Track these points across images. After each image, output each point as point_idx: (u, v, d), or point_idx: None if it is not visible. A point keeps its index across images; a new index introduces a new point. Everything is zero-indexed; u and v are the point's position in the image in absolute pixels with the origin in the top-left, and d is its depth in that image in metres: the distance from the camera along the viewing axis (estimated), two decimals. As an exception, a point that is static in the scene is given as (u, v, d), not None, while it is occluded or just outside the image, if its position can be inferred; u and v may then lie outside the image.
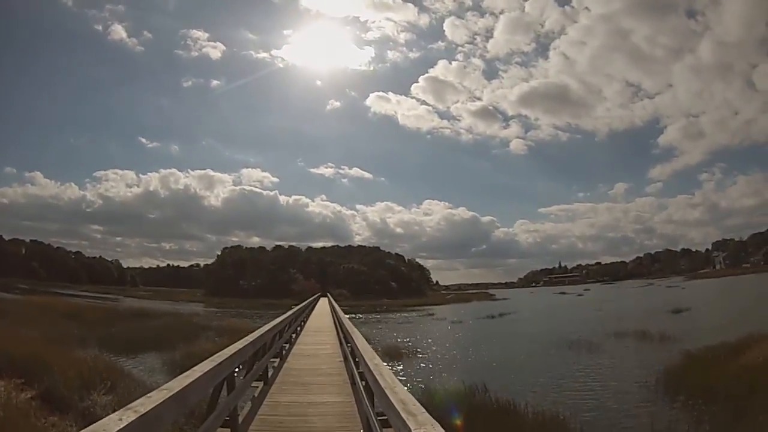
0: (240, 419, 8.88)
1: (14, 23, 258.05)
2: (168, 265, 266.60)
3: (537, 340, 39.40)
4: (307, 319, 34.77)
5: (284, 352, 18.20)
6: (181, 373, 5.93)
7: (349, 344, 13.97)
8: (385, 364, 7.16)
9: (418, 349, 35.92)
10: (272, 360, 15.13)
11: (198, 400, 6.71)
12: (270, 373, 13.63)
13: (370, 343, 11.04)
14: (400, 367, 27.83)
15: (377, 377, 5.72)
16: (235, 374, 8.31)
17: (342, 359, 16.41)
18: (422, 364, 29.99)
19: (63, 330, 36.26)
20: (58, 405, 15.46)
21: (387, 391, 4.91)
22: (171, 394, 4.73)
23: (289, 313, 21.72)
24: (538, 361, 30.03)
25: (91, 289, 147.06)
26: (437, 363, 30.75)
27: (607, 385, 22.73)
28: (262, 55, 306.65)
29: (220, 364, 6.74)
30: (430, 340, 43.16)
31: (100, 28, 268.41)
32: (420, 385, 21.64)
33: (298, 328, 27.06)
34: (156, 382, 18.83)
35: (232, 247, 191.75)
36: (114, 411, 4.22)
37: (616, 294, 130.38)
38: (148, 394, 4.65)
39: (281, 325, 17.15)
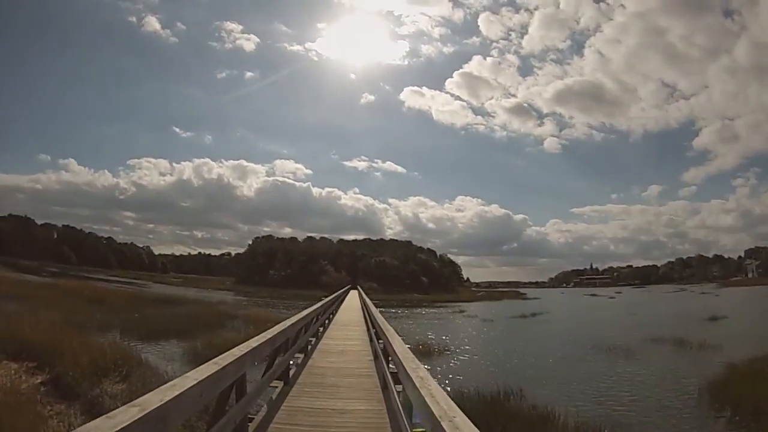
0: (252, 428, 7.68)
1: (51, 15, 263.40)
2: (199, 253, 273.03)
3: (572, 344, 37.81)
4: (336, 312, 33.56)
5: (309, 347, 16.91)
6: (202, 363, 5.30)
7: (381, 342, 12.75)
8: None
9: (449, 347, 34.42)
10: (296, 356, 13.92)
11: (186, 419, 5.39)
12: (292, 372, 12.37)
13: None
14: (430, 366, 26.31)
15: (427, 400, 4.24)
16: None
17: (372, 358, 15.23)
18: (453, 363, 28.61)
19: (85, 314, 35.47)
20: (67, 392, 14.61)
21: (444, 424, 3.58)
22: (142, 414, 3.42)
23: (317, 305, 20.36)
24: (574, 366, 28.33)
25: (121, 274, 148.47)
26: (469, 363, 29.45)
27: (648, 395, 21.14)
28: (296, 47, 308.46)
29: (223, 368, 5.40)
30: (461, 338, 41.35)
31: (134, 19, 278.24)
32: (450, 386, 20.30)
33: (327, 321, 25.88)
34: (174, 371, 18.15)
35: (263, 236, 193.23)
36: (123, 403, 3.58)
37: (648, 298, 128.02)
38: (109, 414, 3.33)
39: (307, 319, 15.84)
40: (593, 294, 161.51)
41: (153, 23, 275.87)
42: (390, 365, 9.45)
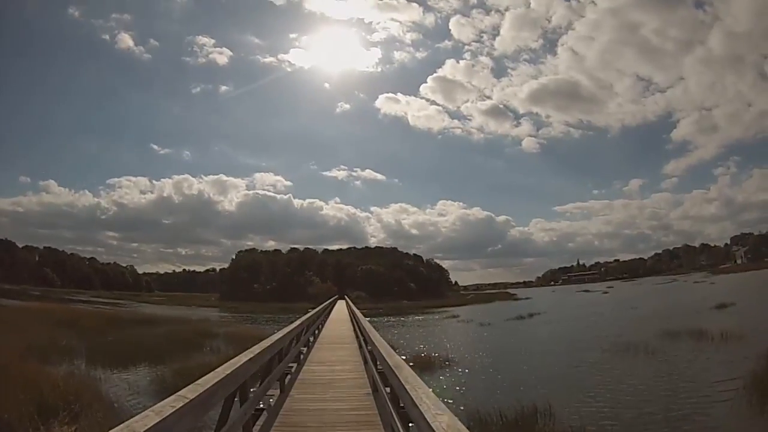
0: None
1: (25, 35, 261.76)
2: (184, 270, 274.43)
3: (583, 345, 34.80)
4: (322, 327, 30.54)
5: (286, 380, 12.96)
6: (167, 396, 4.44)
7: (379, 367, 9.84)
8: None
9: (451, 357, 30.83)
10: (267, 394, 9.95)
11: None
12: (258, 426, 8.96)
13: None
14: (433, 381, 23.19)
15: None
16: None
17: (369, 391, 11.86)
18: (458, 377, 25.17)
19: (51, 339, 32.62)
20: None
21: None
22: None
23: (295, 324, 16.57)
24: (595, 371, 25.13)
25: (104, 294, 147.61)
26: (476, 374, 26.05)
27: (686, 396, 18.43)
28: (269, 59, 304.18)
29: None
30: (461, 346, 38.30)
31: (107, 37, 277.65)
32: (463, 405, 17.30)
33: (311, 339, 22.55)
34: (133, 407, 16.15)
35: (246, 250, 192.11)
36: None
37: (642, 291, 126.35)
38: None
39: (281, 344, 11.73)
40: (585, 290, 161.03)
41: (126, 40, 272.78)
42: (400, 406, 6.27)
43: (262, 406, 9.20)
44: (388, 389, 8.13)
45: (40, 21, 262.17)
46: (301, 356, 17.29)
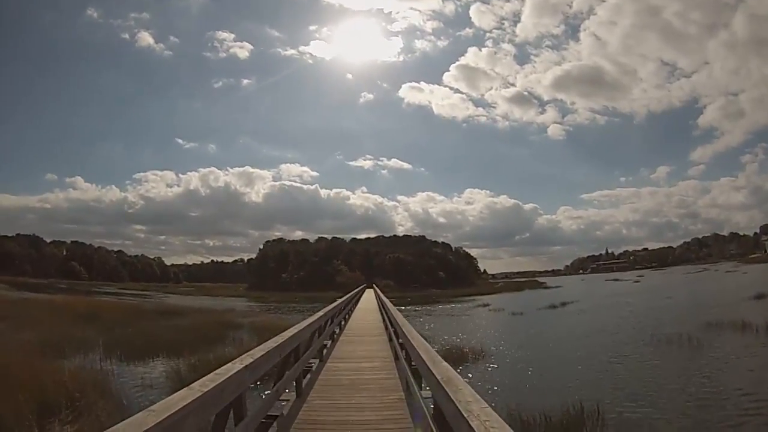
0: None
1: (46, 39, 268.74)
2: (212, 261, 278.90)
3: (623, 336, 33.10)
4: (349, 317, 29.18)
5: (305, 382, 11.12)
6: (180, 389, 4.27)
7: (413, 365, 8.52)
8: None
9: (485, 350, 28.53)
10: (280, 400, 8.71)
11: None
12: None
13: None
14: (467, 376, 21.38)
15: None
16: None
17: (402, 395, 10.03)
18: (493, 372, 23.39)
19: (68, 332, 31.63)
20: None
21: None
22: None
23: (314, 317, 13.62)
24: (639, 365, 23.66)
25: (130, 286, 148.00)
26: (513, 369, 24.12)
27: (745, 398, 16.69)
28: (290, 52, 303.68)
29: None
30: (494, 337, 36.38)
31: (127, 36, 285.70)
32: (502, 404, 15.56)
33: (336, 330, 21.19)
34: (141, 403, 15.00)
35: (274, 240, 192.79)
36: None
37: (674, 280, 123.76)
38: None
39: (295, 340, 9.69)
40: (615, 279, 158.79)
41: (146, 38, 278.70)
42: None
43: (273, 413, 7.73)
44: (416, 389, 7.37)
45: (61, 25, 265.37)
46: (324, 351, 15.70)
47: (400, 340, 11.25)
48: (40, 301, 57.36)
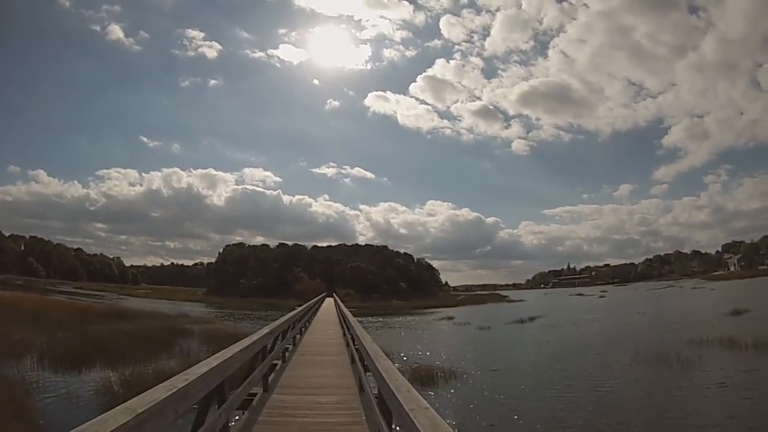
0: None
1: (15, 24, 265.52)
2: (173, 263, 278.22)
3: (606, 354, 30.84)
4: (305, 329, 26.38)
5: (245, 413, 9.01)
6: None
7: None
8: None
9: (455, 369, 25.44)
10: None
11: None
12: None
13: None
14: (438, 400, 18.95)
15: None
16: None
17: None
18: (468, 394, 20.44)
19: (5, 332, 29.32)
20: None
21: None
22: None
23: (255, 337, 10.13)
24: (634, 385, 21.78)
25: (87, 286, 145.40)
26: (490, 391, 21.17)
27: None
28: (259, 54, 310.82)
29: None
30: (465, 354, 33.36)
31: (97, 28, 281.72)
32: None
33: (288, 346, 17.68)
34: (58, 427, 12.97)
35: (234, 244, 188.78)
36: None
37: (640, 296, 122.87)
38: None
39: (239, 358, 7.44)
40: (579, 294, 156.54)
41: (116, 31, 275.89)
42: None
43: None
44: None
45: (31, 10, 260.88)
46: (272, 375, 12.61)
47: (368, 373, 8.80)
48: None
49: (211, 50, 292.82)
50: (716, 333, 33.96)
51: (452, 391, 21.56)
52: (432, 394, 20.01)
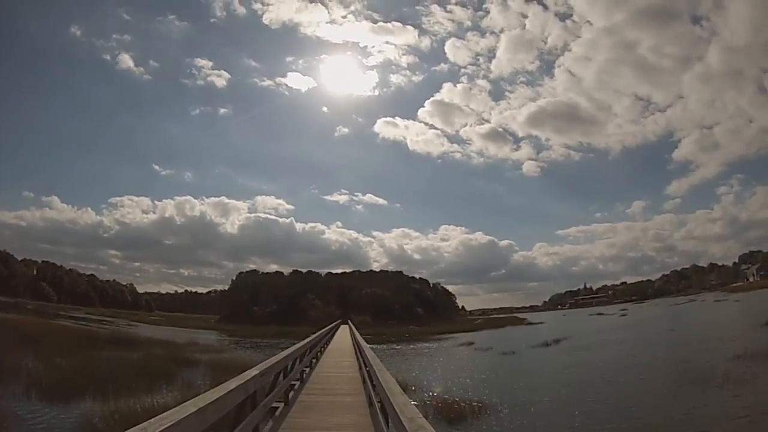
0: None
1: (28, 53, 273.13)
2: (186, 291, 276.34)
3: (649, 376, 28.12)
4: (315, 362, 22.46)
5: None
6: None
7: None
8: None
9: (486, 401, 22.50)
10: None
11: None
12: None
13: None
14: None
15: None
16: None
17: None
18: None
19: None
20: None
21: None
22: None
23: (259, 369, 7.93)
24: (693, 408, 19.45)
25: (99, 312, 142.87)
26: (534, 428, 18.72)
27: None
28: (267, 82, 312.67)
29: None
30: (492, 384, 29.56)
31: (108, 57, 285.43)
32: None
33: (294, 384, 14.76)
34: None
35: (247, 272, 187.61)
36: None
37: (665, 312, 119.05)
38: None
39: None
40: (599, 313, 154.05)
41: (127, 60, 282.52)
42: None
43: None
44: None
45: (43, 39, 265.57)
46: (269, 423, 10.20)
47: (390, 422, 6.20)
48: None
49: (220, 79, 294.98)
50: (759, 346, 32.22)
51: (483, 425, 18.97)
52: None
